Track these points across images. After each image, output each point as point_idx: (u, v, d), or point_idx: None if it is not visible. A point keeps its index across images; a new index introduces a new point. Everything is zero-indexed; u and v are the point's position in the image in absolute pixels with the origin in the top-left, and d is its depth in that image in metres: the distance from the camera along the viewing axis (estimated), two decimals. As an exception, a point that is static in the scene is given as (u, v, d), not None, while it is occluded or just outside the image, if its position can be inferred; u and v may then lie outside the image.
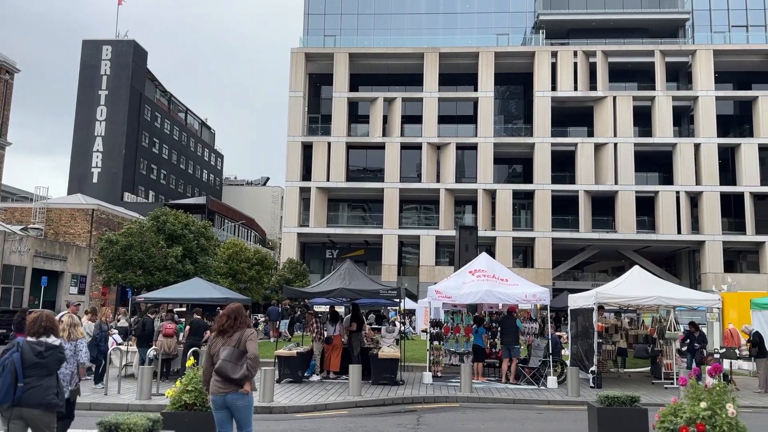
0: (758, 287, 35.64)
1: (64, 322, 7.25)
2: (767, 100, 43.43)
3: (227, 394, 5.92)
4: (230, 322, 6.16)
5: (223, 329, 6.14)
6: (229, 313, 6.22)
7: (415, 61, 47.06)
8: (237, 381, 5.92)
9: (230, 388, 5.93)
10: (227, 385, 5.92)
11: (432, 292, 15.82)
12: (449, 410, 12.40)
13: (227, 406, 5.97)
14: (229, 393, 5.92)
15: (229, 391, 5.92)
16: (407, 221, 47.39)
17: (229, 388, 5.92)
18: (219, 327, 6.18)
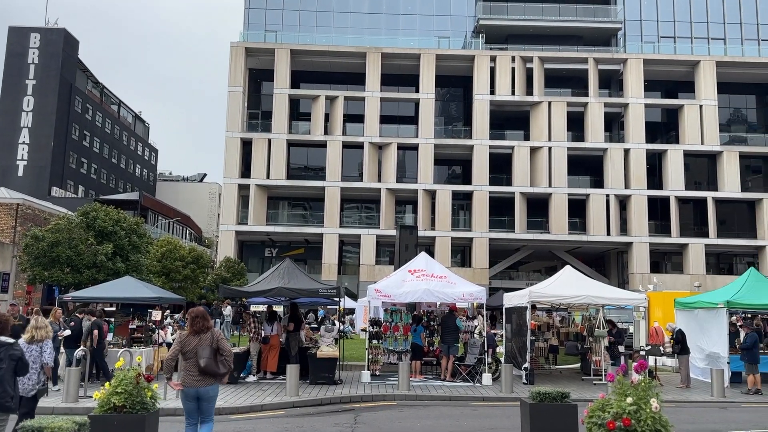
0: (682, 287, 37.54)
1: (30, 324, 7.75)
2: (692, 108, 45.74)
3: (203, 386, 6.90)
4: (204, 323, 7.13)
5: (198, 330, 7.05)
6: (200, 316, 7.16)
7: (358, 60, 47.06)
8: (221, 375, 7.04)
9: (208, 381, 6.92)
10: (207, 379, 6.90)
11: (372, 291, 15.88)
12: (387, 408, 12.46)
13: (198, 397, 6.91)
14: (205, 386, 6.90)
15: (206, 384, 6.90)
16: (348, 220, 47.34)
17: (207, 382, 6.91)
18: (196, 328, 7.06)
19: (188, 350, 6.99)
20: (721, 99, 46.59)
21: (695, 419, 11.65)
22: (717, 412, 12.70)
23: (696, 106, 45.62)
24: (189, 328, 7.17)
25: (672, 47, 48.49)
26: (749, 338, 15.24)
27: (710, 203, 44.25)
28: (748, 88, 49.03)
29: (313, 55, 47.47)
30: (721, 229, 44.61)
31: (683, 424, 10.72)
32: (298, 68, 48.43)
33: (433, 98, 46.19)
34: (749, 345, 15.12)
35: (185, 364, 7.02)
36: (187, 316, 7.42)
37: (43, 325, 8.07)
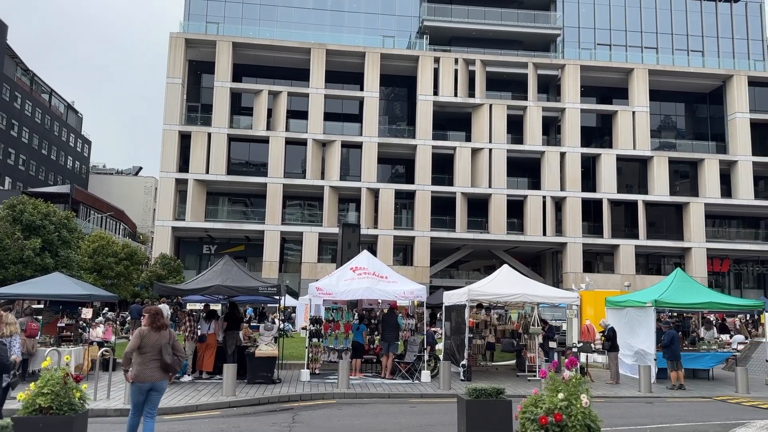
0: (613, 286, 39.01)
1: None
2: (625, 114, 47.60)
3: (158, 380, 7.47)
4: (164, 320, 7.70)
5: (158, 326, 7.57)
6: (159, 313, 7.70)
7: (302, 56, 46.64)
8: (176, 373, 7.74)
9: (163, 376, 7.52)
10: (163, 374, 7.49)
11: (313, 289, 15.80)
12: (326, 407, 12.42)
13: (152, 389, 7.44)
14: (159, 380, 7.47)
15: (160, 378, 7.49)
16: (290, 217, 46.88)
17: (162, 377, 7.52)
18: (157, 325, 7.58)
19: (147, 345, 7.43)
20: (652, 106, 48.69)
21: (623, 414, 12.14)
22: (644, 407, 13.27)
23: (629, 113, 47.49)
24: (149, 325, 7.57)
25: (608, 54, 50.30)
26: (667, 335, 15.97)
27: (641, 206, 46.16)
28: (678, 97, 51.42)
29: (256, 49, 46.73)
30: (650, 231, 46.62)
31: (612, 418, 11.15)
32: (241, 62, 47.58)
33: (378, 97, 46.31)
34: (667, 342, 15.85)
35: (142, 359, 7.39)
36: (145, 313, 7.77)
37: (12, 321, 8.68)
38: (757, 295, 47.00)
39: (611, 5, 52.16)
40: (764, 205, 47.13)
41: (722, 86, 49.68)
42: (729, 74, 48.57)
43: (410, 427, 10.45)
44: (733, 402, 14.00)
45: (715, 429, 10.38)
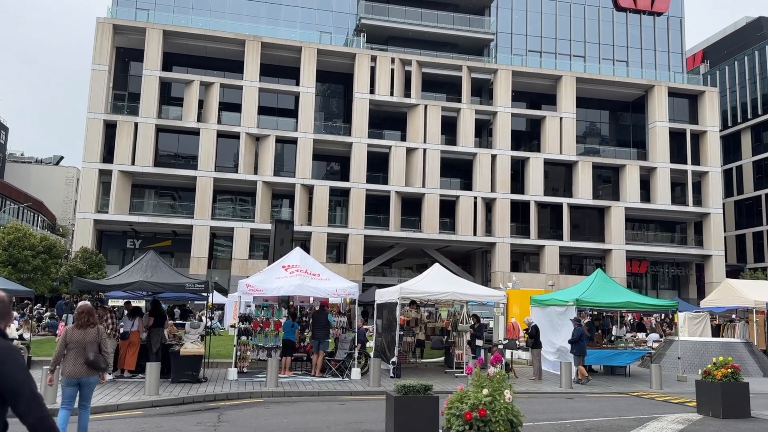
0: (538, 285, 40.30)
1: None
2: (553, 119, 49.23)
3: (86, 376, 7.80)
4: (90, 318, 8.02)
5: (82, 324, 7.94)
6: (86, 311, 8.06)
7: (236, 47, 45.67)
8: (102, 369, 8.15)
9: (91, 372, 7.83)
10: (90, 370, 7.81)
11: (243, 285, 15.51)
12: (253, 406, 12.23)
13: (79, 384, 7.80)
14: (86, 375, 7.80)
15: (89, 374, 7.82)
16: (221, 212, 45.83)
17: (90, 372, 7.83)
18: (81, 323, 7.93)
19: (72, 342, 7.82)
20: (579, 113, 50.59)
21: (545, 409, 12.55)
22: (564, 402, 13.78)
23: (557, 118, 49.16)
24: (75, 322, 8.01)
25: (538, 61, 51.87)
26: (576, 332, 16.68)
27: (565, 209, 47.89)
28: (603, 104, 53.66)
29: (188, 38, 45.40)
30: (574, 233, 48.45)
31: (534, 413, 11.51)
32: (171, 50, 46.09)
33: (314, 93, 45.95)
34: (575, 338, 16.57)
35: (68, 355, 7.82)
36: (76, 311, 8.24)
37: None
38: (671, 295, 49.76)
39: (543, 13, 53.82)
40: (680, 210, 49.86)
41: (644, 96, 52.20)
42: (650, 84, 51.08)
43: (339, 424, 10.44)
44: (648, 397, 14.75)
45: (630, 423, 10.88)
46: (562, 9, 54.15)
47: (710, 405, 11.78)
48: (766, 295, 22.84)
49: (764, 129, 60.44)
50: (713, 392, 11.73)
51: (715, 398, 11.66)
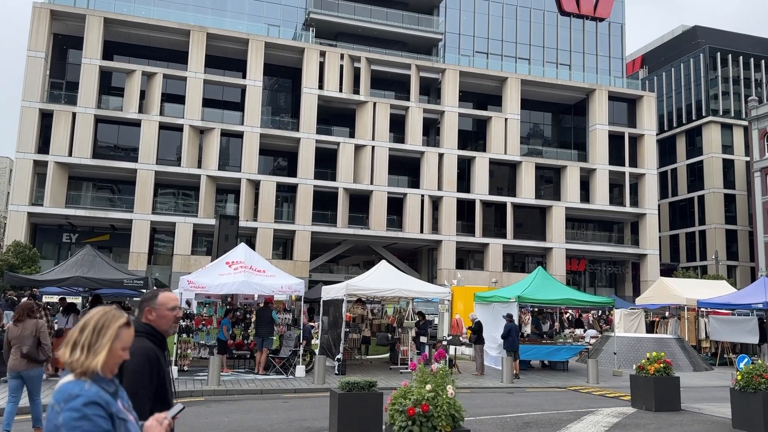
0: (482, 282, 41.02)
1: None
2: (499, 120, 50.13)
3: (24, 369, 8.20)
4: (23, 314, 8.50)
5: (17, 319, 8.47)
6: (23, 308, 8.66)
7: (181, 37, 44.52)
8: (41, 362, 8.42)
9: (30, 365, 8.23)
10: (29, 363, 8.21)
11: (184, 282, 15.16)
12: (194, 405, 11.97)
13: (21, 377, 8.22)
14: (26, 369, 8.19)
15: (28, 367, 8.21)
16: (163, 207, 44.61)
17: (29, 366, 8.22)
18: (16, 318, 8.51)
19: (12, 338, 8.27)
20: (523, 114, 51.70)
21: (486, 403, 12.79)
22: (505, 397, 14.07)
23: (502, 119, 50.08)
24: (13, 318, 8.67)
25: (485, 62, 52.70)
26: (505, 328, 17.12)
27: (509, 208, 48.88)
28: (546, 106, 55.00)
29: (130, 27, 43.96)
30: (517, 232, 49.51)
31: (476, 408, 11.71)
32: (112, 39, 44.54)
33: (261, 86, 45.28)
34: (505, 334, 17.02)
35: (10, 350, 8.30)
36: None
37: None
38: (608, 293, 51.52)
39: (490, 15, 54.68)
40: (618, 210, 51.66)
41: (585, 99, 53.80)
42: (592, 88, 52.68)
43: (282, 422, 10.34)
44: (585, 392, 15.22)
45: (567, 417, 11.21)
46: (509, 11, 55.18)
47: (644, 399, 12.26)
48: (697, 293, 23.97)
49: (698, 134, 63.31)
50: (646, 386, 12.21)
51: (648, 392, 12.15)
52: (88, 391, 2.34)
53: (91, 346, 2.41)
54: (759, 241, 54.93)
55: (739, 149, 61.88)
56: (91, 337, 2.44)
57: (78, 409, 2.28)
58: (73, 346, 2.42)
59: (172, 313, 3.42)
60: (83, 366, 2.38)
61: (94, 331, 2.45)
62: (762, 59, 65.59)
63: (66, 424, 2.26)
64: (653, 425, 10.56)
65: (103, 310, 2.56)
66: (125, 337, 2.51)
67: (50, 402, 2.37)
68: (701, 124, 62.64)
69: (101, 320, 2.49)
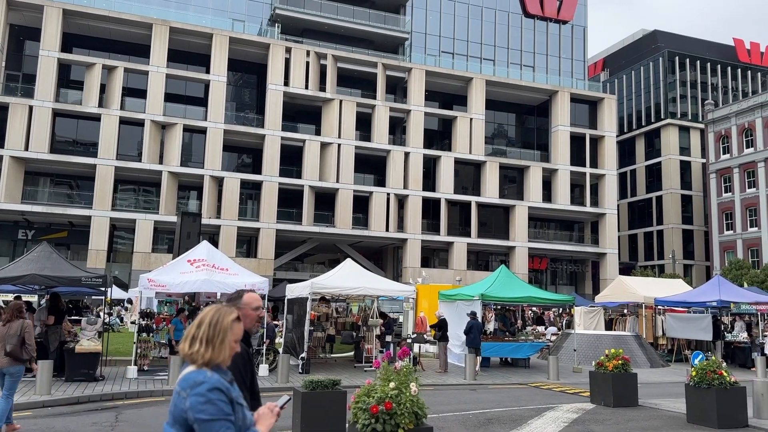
0: (447, 281, 41.32)
1: None
2: (464, 120, 50.54)
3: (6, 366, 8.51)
4: (10, 315, 8.78)
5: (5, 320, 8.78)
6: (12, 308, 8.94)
7: (143, 31, 43.62)
8: (23, 360, 8.69)
9: (11, 363, 8.53)
10: (11, 360, 8.53)
11: (144, 280, 14.87)
12: (154, 405, 11.77)
13: (3, 374, 8.55)
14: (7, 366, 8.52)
15: (9, 364, 8.53)
16: (123, 203, 43.68)
17: (11, 363, 8.53)
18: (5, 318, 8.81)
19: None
20: (488, 114, 52.24)
21: (449, 401, 12.89)
22: (468, 394, 14.21)
23: (467, 119, 50.52)
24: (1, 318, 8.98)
25: (450, 62, 53.07)
26: (467, 325, 17.34)
27: (474, 207, 49.36)
28: (510, 107, 55.68)
29: (91, 19, 42.88)
30: (481, 230, 50.04)
31: (439, 405, 11.80)
32: (72, 31, 43.37)
33: (225, 82, 44.69)
34: (466, 330, 17.26)
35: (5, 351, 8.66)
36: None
37: None
38: (569, 291, 52.50)
39: (456, 16, 55.10)
40: (578, 210, 52.65)
41: (548, 100, 54.65)
42: (554, 90, 53.54)
43: (244, 421, 10.22)
44: (546, 388, 15.48)
45: (528, 413, 11.39)
46: (474, 12, 55.67)
47: (602, 395, 12.54)
48: (654, 292, 24.60)
49: (656, 136, 64.97)
50: (605, 383, 12.49)
51: (607, 388, 12.42)
52: (211, 378, 2.57)
53: (209, 339, 2.65)
54: (714, 241, 56.72)
55: (695, 151, 63.71)
56: (209, 331, 2.67)
57: (203, 394, 2.51)
58: (192, 340, 2.66)
59: (255, 312, 3.68)
60: (203, 357, 2.62)
61: (210, 326, 2.68)
62: (718, 64, 67.68)
63: (193, 407, 2.50)
64: (611, 421, 10.81)
65: (216, 307, 2.78)
66: (237, 331, 2.76)
67: (176, 389, 2.60)
68: (660, 126, 64.29)
69: (216, 316, 2.72)
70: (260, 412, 2.78)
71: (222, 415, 2.50)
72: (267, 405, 2.82)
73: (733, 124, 55.64)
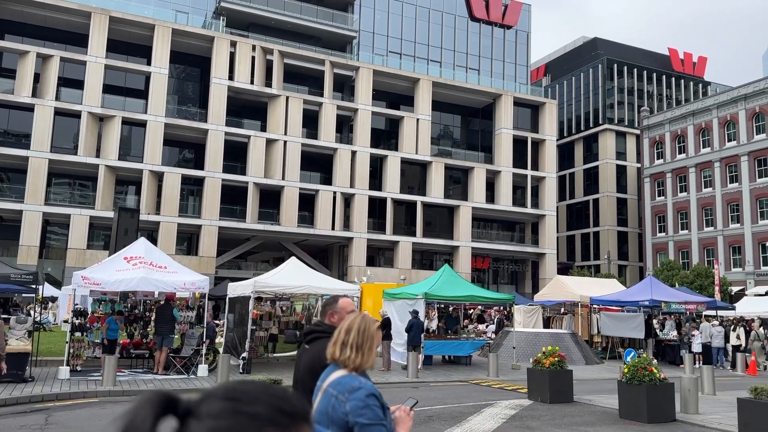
0: (391, 279, 41.53)
1: None
2: (411, 120, 50.90)
3: None
4: None
5: None
6: None
7: (81, 19, 41.97)
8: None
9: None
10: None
11: (78, 278, 14.33)
12: (86, 406, 11.36)
13: None
14: None
15: None
16: (57, 197, 41.90)
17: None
18: None
19: None
20: (434, 115, 52.78)
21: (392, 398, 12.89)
22: (410, 391, 14.32)
23: (414, 119, 50.91)
24: None
25: (398, 62, 53.34)
26: (408, 324, 17.56)
27: (419, 206, 49.79)
28: (456, 109, 56.43)
29: (25, 5, 40.93)
30: (426, 230, 50.52)
31: (381, 403, 11.82)
32: (4, 17, 41.35)
33: (167, 74, 43.50)
34: (407, 329, 17.49)
35: None
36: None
37: None
38: (510, 290, 53.65)
39: (403, 16, 55.42)
40: (520, 211, 53.87)
41: (492, 104, 55.67)
42: (498, 93, 54.58)
43: (182, 423, 9.98)
44: (485, 385, 15.78)
45: (468, 410, 11.58)
46: (422, 14, 56.15)
47: (539, 391, 12.88)
48: (590, 291, 25.43)
49: (594, 140, 67.17)
50: (542, 379, 12.83)
51: (544, 385, 12.77)
52: (366, 384, 2.72)
53: (359, 346, 2.82)
54: (647, 243, 59.16)
55: (631, 156, 66.21)
56: (357, 338, 2.84)
57: (362, 399, 2.65)
58: (342, 346, 2.82)
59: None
60: (354, 363, 2.78)
61: (359, 333, 2.86)
62: (654, 72, 70.54)
63: (353, 411, 2.63)
64: (547, 416, 11.12)
65: (361, 315, 2.98)
66: (379, 338, 2.96)
67: (328, 391, 2.73)
68: (598, 131, 66.50)
69: (363, 324, 2.91)
70: (398, 415, 2.87)
71: (378, 420, 2.64)
72: (401, 408, 2.91)
73: (666, 130, 58.15)
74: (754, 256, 49.66)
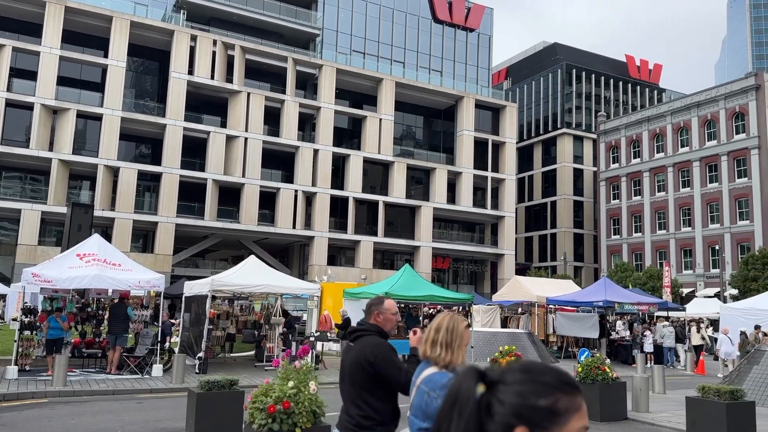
0: (352, 279, 41.47)
1: None
2: (374, 120, 50.92)
3: None
4: None
5: None
6: None
7: (35, 8, 40.62)
8: None
9: None
10: None
11: (29, 275, 13.87)
12: (36, 407, 11.01)
13: None
14: None
15: None
16: (7, 191, 40.44)
17: None
18: None
19: None
20: (397, 116, 52.93)
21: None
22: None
23: (377, 119, 50.95)
24: None
25: (361, 62, 53.29)
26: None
27: (381, 206, 49.87)
28: (418, 110, 56.68)
29: (-26, -10, 39.42)
30: (387, 230, 50.63)
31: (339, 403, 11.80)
32: (-49, 1, 39.70)
33: (125, 67, 42.47)
34: None
35: None
36: None
37: None
38: (469, 290, 54.21)
39: (367, 16, 55.41)
40: (480, 212, 54.49)
41: (454, 105, 56.16)
42: (460, 95, 55.09)
43: (135, 423, 9.78)
44: (443, 383, 15.88)
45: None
46: (386, 14, 56.24)
47: (496, 389, 13.02)
48: (546, 291, 25.90)
49: (553, 144, 68.44)
50: (499, 377, 12.98)
51: (500, 383, 12.92)
52: None
53: (449, 344, 2.92)
54: (602, 245, 60.61)
55: (588, 160, 67.71)
56: (447, 336, 2.94)
57: None
58: (433, 344, 2.92)
59: (395, 317, 3.96)
60: (444, 360, 2.88)
61: (448, 331, 2.96)
62: (611, 78, 72.29)
63: None
64: (504, 414, 11.24)
65: (450, 315, 3.06)
66: (467, 337, 3.05)
67: (421, 388, 2.85)
68: (556, 135, 67.78)
69: (451, 323, 3.00)
70: None
71: None
72: None
73: (622, 135, 59.68)
74: (704, 258, 51.40)
